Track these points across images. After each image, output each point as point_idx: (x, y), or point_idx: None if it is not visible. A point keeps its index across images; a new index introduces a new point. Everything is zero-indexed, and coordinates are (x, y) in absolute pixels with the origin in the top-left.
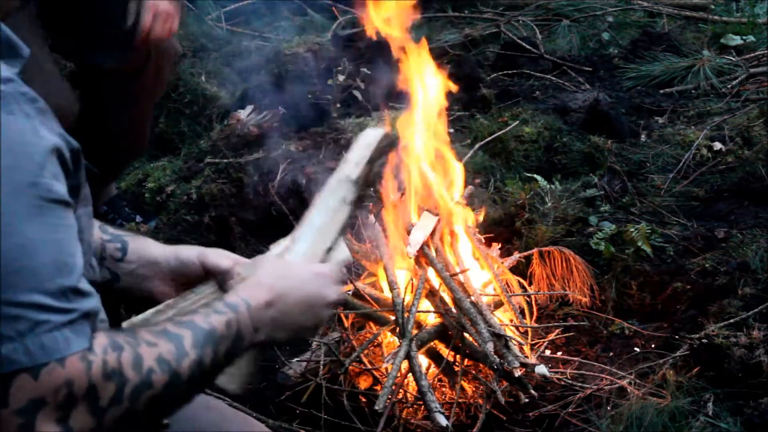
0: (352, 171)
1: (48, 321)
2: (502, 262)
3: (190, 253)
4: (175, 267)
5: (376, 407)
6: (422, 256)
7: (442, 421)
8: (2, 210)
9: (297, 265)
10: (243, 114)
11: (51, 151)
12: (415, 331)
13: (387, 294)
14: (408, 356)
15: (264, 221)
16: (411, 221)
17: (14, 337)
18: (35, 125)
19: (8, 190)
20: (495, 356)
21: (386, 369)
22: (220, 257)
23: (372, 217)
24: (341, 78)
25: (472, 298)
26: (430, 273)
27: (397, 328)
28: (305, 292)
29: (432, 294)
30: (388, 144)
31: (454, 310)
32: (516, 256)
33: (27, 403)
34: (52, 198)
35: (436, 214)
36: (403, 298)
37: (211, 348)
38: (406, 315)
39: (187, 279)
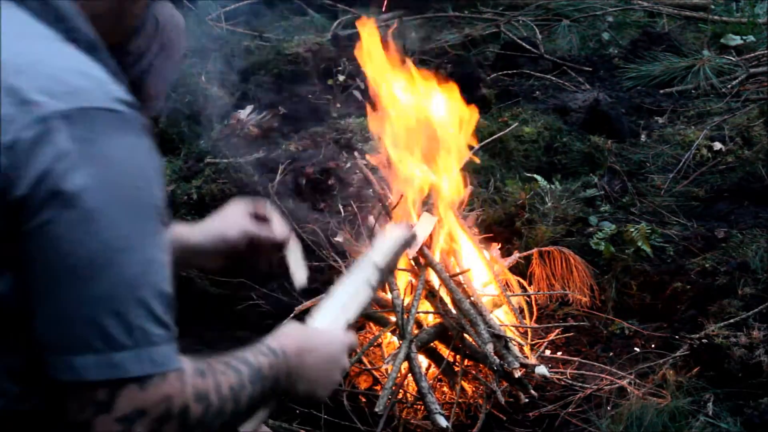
0: (379, 259)
1: (160, 335)
2: (502, 262)
3: (235, 233)
4: (223, 249)
5: (376, 409)
6: (421, 257)
7: (443, 422)
8: (133, 228)
9: (323, 330)
10: (243, 114)
11: (160, 171)
12: (415, 331)
13: (387, 295)
14: (408, 357)
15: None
16: (411, 223)
17: (130, 346)
18: (150, 145)
19: (139, 210)
20: (495, 357)
21: (386, 370)
22: (271, 232)
23: (372, 219)
24: (341, 78)
25: (472, 298)
26: (430, 274)
27: (397, 330)
28: (328, 352)
29: (432, 295)
30: (409, 241)
31: (453, 311)
32: (516, 255)
33: (131, 411)
34: (163, 221)
35: (436, 216)
36: (403, 300)
37: (259, 385)
38: (405, 316)
39: (236, 254)
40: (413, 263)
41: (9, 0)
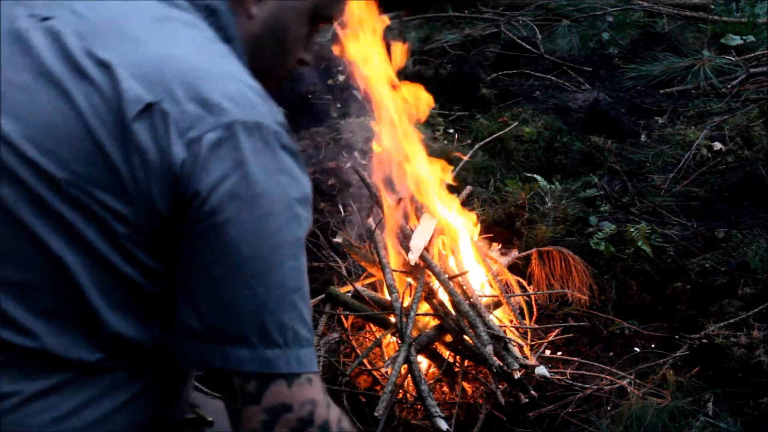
0: None
1: (307, 338)
2: (502, 263)
3: None
4: None
5: (376, 413)
6: (420, 259)
7: (443, 425)
8: (297, 233)
9: None
10: None
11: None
12: (415, 333)
13: (387, 295)
14: (407, 360)
15: None
16: (410, 225)
17: (281, 345)
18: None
19: (300, 219)
20: (494, 359)
21: (386, 372)
22: None
23: (371, 221)
24: (341, 78)
25: (471, 300)
26: (429, 276)
27: (397, 332)
28: None
29: (431, 297)
30: None
31: (453, 312)
32: (515, 253)
33: (277, 405)
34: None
35: (435, 216)
36: (402, 301)
37: None
38: (405, 319)
39: None
40: (412, 265)
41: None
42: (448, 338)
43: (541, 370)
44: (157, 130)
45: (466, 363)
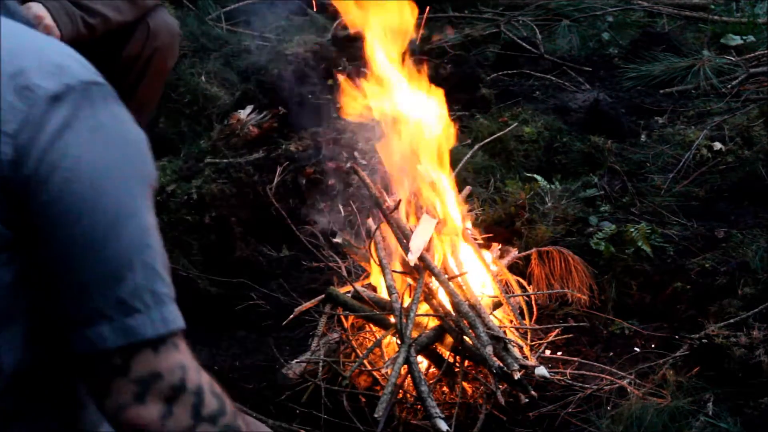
0: None
1: (167, 293)
2: (502, 263)
3: None
4: None
5: (376, 415)
6: (420, 260)
7: (443, 426)
8: (133, 193)
9: None
10: (243, 114)
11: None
12: (415, 334)
13: (386, 296)
14: (407, 361)
15: (264, 221)
16: (410, 225)
17: (141, 310)
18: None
19: (135, 176)
20: (494, 360)
21: (387, 372)
22: None
23: (371, 221)
24: (341, 78)
25: (471, 300)
26: (429, 276)
27: (396, 333)
28: None
29: (431, 297)
30: None
31: (453, 312)
32: (514, 253)
33: (147, 374)
34: (153, 186)
35: (435, 217)
36: (402, 303)
37: None
38: (404, 320)
39: None
40: (412, 266)
41: None
42: (449, 339)
43: (541, 370)
44: None
45: (466, 363)
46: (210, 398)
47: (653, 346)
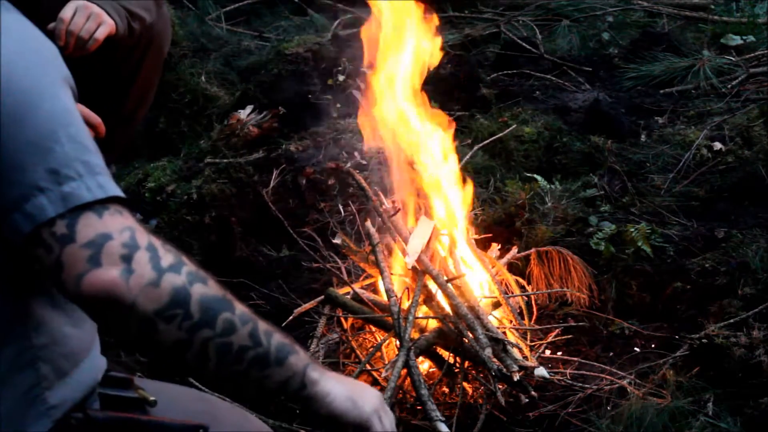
0: None
1: (99, 164)
2: (501, 263)
3: None
4: None
5: None
6: (419, 263)
7: (444, 429)
8: (49, 80)
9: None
10: (243, 114)
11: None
12: (416, 335)
13: (386, 297)
14: (407, 364)
15: (264, 221)
16: (408, 227)
17: (75, 177)
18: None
19: (49, 68)
20: (493, 362)
21: (387, 374)
22: None
23: (369, 223)
24: (341, 78)
25: (470, 302)
26: (428, 279)
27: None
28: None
29: (430, 300)
30: None
31: (452, 314)
32: (514, 251)
33: (94, 236)
34: (74, 92)
35: (433, 219)
36: (400, 305)
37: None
38: (403, 323)
39: None
40: (410, 268)
41: None
42: (449, 340)
43: (541, 371)
44: None
45: (466, 364)
46: (165, 252)
47: (653, 346)
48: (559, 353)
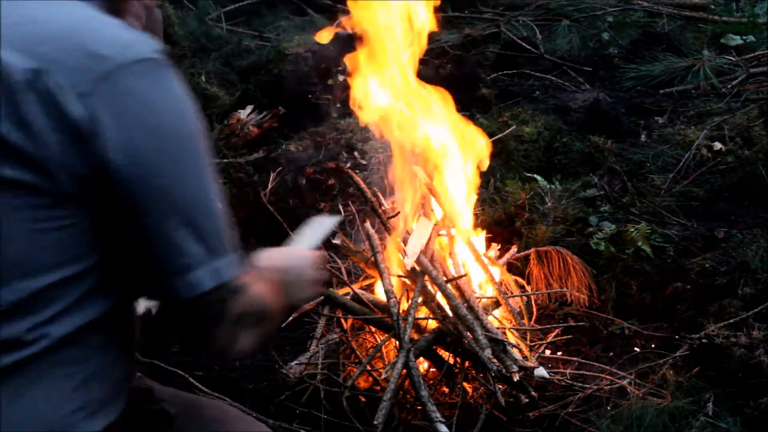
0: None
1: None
2: (501, 263)
3: None
4: None
5: (375, 422)
6: (418, 264)
7: (443, 429)
8: (204, 154)
9: (290, 249)
10: (243, 114)
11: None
12: (416, 336)
13: (385, 298)
14: (406, 366)
15: (264, 221)
16: (407, 228)
17: (225, 254)
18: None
19: (202, 141)
20: (492, 363)
21: (387, 375)
22: None
23: (368, 224)
24: (341, 78)
25: (469, 302)
26: (427, 280)
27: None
28: (300, 265)
29: (429, 301)
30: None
31: (451, 315)
32: (513, 250)
33: (238, 310)
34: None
35: (432, 219)
36: (399, 306)
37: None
38: (402, 324)
39: None
40: (410, 269)
41: None
42: (449, 340)
43: (540, 371)
44: (47, 94)
45: (466, 364)
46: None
47: (653, 346)
48: (559, 353)
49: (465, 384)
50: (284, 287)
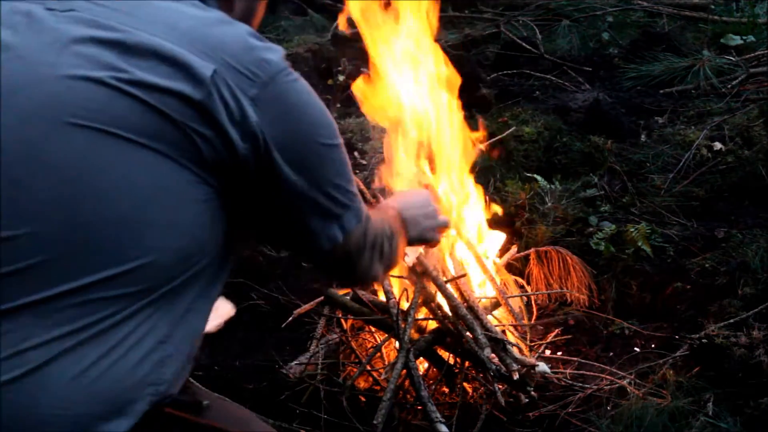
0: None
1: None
2: (500, 263)
3: None
4: None
5: (375, 422)
6: (417, 264)
7: (443, 429)
8: (339, 135)
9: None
10: None
11: None
12: (416, 336)
13: (385, 298)
14: (406, 366)
15: None
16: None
17: (351, 207)
18: None
19: (335, 125)
20: (492, 363)
21: (387, 376)
22: None
23: None
24: (341, 78)
25: (469, 302)
26: (426, 280)
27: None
28: (422, 204)
29: (429, 300)
30: None
31: (451, 315)
32: (513, 250)
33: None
34: None
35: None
36: (399, 306)
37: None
38: (402, 325)
39: None
40: (409, 269)
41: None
42: (449, 340)
43: (542, 366)
44: (228, 94)
45: (466, 364)
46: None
47: (653, 346)
48: (559, 353)
49: (465, 384)
50: (407, 218)
